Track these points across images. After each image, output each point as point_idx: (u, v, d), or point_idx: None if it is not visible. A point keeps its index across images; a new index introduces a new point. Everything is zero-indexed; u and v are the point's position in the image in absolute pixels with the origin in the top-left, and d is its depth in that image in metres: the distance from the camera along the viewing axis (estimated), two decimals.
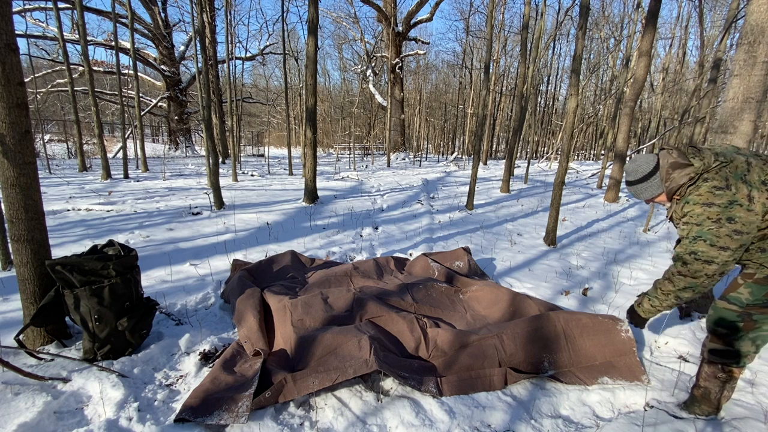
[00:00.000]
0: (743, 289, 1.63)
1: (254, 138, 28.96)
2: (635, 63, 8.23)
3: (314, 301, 2.59)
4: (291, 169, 11.86)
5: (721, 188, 1.50)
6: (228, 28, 12.50)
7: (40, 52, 16.43)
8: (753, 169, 1.51)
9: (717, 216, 1.49)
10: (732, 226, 1.48)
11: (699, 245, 1.54)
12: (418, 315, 2.55)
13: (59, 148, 16.09)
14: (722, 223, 1.49)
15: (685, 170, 1.59)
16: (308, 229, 5.14)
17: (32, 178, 2.11)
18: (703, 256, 1.53)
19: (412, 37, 21.47)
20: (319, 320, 2.41)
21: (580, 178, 11.97)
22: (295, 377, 1.87)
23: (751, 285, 1.61)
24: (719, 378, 1.72)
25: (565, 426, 1.80)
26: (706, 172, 1.56)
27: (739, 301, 1.64)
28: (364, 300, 2.62)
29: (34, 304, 2.16)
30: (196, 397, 1.80)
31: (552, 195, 4.53)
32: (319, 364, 2.02)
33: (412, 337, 2.32)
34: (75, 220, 5.18)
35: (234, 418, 1.70)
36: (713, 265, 1.53)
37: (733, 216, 1.48)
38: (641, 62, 7.05)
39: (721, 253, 1.51)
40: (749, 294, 1.61)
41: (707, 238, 1.52)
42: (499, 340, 2.19)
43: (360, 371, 1.88)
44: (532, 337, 2.20)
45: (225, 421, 1.70)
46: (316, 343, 2.17)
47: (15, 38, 2.00)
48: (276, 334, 2.37)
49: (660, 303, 1.75)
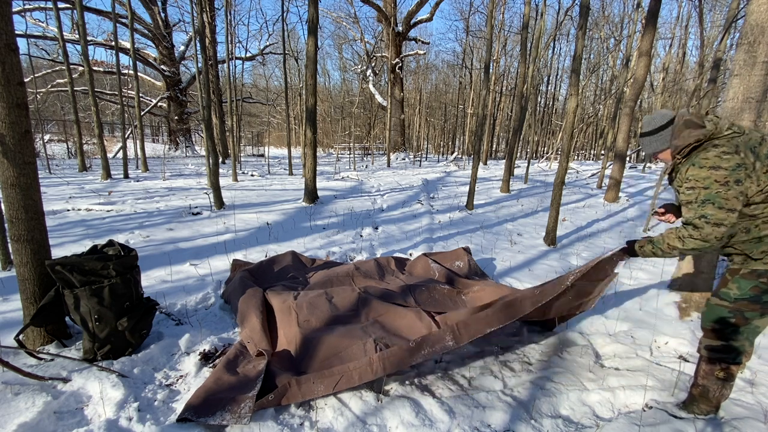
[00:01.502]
0: (731, 284, 1.68)
1: (254, 138, 28.95)
2: (635, 63, 8.23)
3: (319, 301, 2.59)
4: (291, 169, 11.85)
5: (729, 153, 1.52)
6: (228, 28, 12.50)
7: (40, 52, 16.43)
8: (765, 144, 1.55)
9: (725, 179, 1.51)
10: (739, 188, 1.51)
11: (708, 208, 1.54)
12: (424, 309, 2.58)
13: (59, 148, 16.09)
14: (730, 185, 1.51)
15: (697, 131, 1.60)
16: (308, 229, 5.14)
17: (32, 178, 2.11)
18: (712, 219, 1.53)
19: (412, 37, 21.47)
20: (324, 320, 2.42)
21: (580, 178, 11.97)
22: (300, 381, 1.86)
23: (738, 280, 1.66)
24: (717, 376, 1.72)
25: (565, 426, 1.80)
26: (716, 138, 1.58)
27: (728, 297, 1.67)
28: (369, 299, 2.64)
29: (34, 304, 2.16)
30: (199, 397, 1.80)
31: (552, 195, 4.53)
32: (323, 368, 2.01)
33: (422, 325, 2.36)
34: (75, 220, 5.18)
35: (236, 419, 1.70)
36: (722, 228, 1.53)
37: (740, 178, 1.50)
38: (641, 62, 7.05)
39: (729, 215, 1.52)
40: (737, 289, 1.65)
41: (716, 201, 1.52)
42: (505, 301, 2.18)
43: (365, 378, 1.86)
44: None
45: (227, 421, 1.70)
46: (321, 345, 2.17)
47: (15, 38, 2.00)
48: (279, 334, 2.37)
49: (662, 254, 1.76)
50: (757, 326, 1.67)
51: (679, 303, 2.92)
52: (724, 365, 1.71)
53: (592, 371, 2.22)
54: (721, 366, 1.71)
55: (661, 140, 1.70)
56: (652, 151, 1.75)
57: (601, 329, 2.69)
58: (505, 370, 2.23)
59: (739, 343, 1.67)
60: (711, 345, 1.73)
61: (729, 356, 1.69)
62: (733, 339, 1.67)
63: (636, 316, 2.83)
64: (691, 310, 2.83)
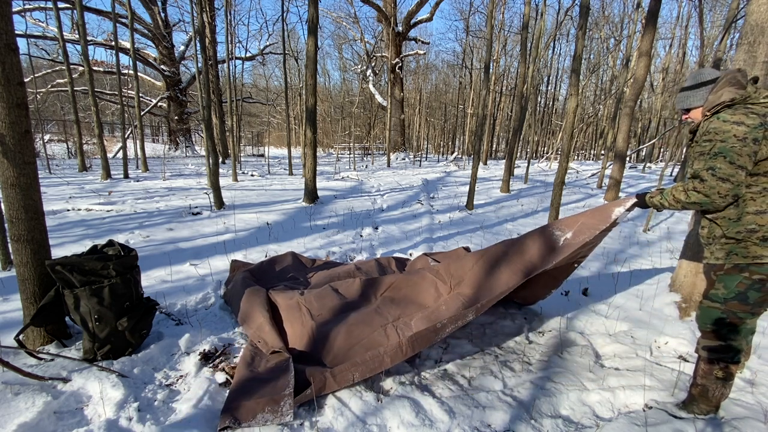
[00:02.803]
0: (717, 284, 1.70)
1: (254, 138, 28.95)
2: (635, 63, 8.23)
3: (327, 294, 2.61)
4: (291, 169, 11.85)
5: (756, 114, 1.52)
6: (228, 28, 12.50)
7: (40, 52, 16.43)
8: None
9: (744, 135, 1.50)
10: (755, 147, 1.51)
11: (719, 161, 1.53)
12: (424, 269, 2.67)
13: (59, 148, 16.09)
14: (747, 142, 1.50)
15: (736, 91, 1.59)
16: (308, 229, 5.14)
17: (32, 178, 2.11)
18: (719, 172, 1.52)
19: (412, 37, 21.48)
20: (336, 311, 2.44)
21: (580, 178, 11.97)
22: (334, 373, 1.90)
23: (723, 278, 1.67)
24: (716, 375, 1.72)
25: (565, 426, 1.80)
26: (750, 102, 1.57)
27: (718, 298, 1.69)
28: (372, 280, 2.68)
29: (34, 304, 2.15)
30: (235, 404, 1.79)
31: (552, 195, 4.53)
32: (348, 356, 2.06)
33: (428, 283, 2.45)
34: (75, 220, 5.18)
35: (279, 418, 1.74)
36: (727, 184, 1.52)
37: (758, 137, 1.50)
38: (641, 62, 7.05)
39: (737, 172, 1.52)
40: (724, 288, 1.67)
41: (728, 155, 1.51)
42: (504, 245, 2.33)
43: (396, 360, 1.93)
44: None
45: (270, 422, 1.73)
46: (340, 335, 2.19)
47: (15, 38, 2.00)
48: (288, 331, 2.37)
49: (668, 205, 1.76)
50: (752, 327, 1.69)
51: (679, 303, 2.92)
52: (723, 365, 1.71)
53: (592, 371, 2.22)
54: (720, 366, 1.71)
55: (698, 96, 1.69)
56: (687, 106, 1.74)
57: (601, 329, 2.69)
58: (505, 370, 2.23)
59: (738, 342, 1.68)
60: (709, 345, 1.73)
61: (728, 356, 1.69)
62: (732, 339, 1.68)
63: (636, 316, 2.83)
64: (691, 310, 2.83)
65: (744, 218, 1.60)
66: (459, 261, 2.53)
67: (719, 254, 1.68)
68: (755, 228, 1.58)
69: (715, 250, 1.70)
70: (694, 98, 1.71)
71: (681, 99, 1.76)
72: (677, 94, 1.79)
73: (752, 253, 1.59)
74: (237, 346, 2.39)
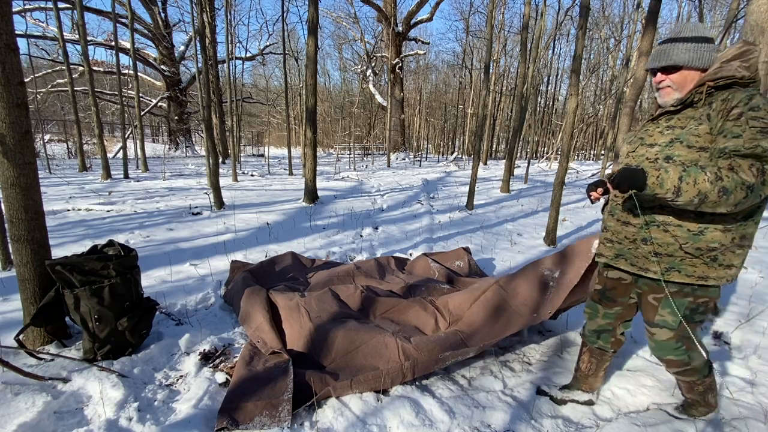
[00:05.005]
0: (662, 310, 1.50)
1: (254, 138, 28.96)
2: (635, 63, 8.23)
3: (326, 298, 2.62)
4: (291, 169, 11.85)
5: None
6: (228, 28, 12.50)
7: (40, 52, 16.45)
8: None
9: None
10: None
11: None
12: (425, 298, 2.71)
13: (59, 148, 16.09)
14: None
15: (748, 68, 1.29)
16: (308, 229, 5.14)
17: (32, 178, 2.11)
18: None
19: (412, 37, 21.49)
20: (335, 316, 2.44)
21: (580, 178, 11.97)
22: (336, 387, 1.91)
23: (668, 304, 1.47)
24: (698, 390, 1.71)
25: (565, 426, 1.80)
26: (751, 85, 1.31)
27: (668, 325, 1.50)
28: (372, 298, 2.69)
29: (34, 304, 2.15)
30: (233, 404, 1.80)
31: (552, 195, 4.53)
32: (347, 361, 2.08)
33: (428, 314, 2.47)
34: (75, 220, 5.18)
35: (277, 422, 1.73)
36: None
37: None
38: (641, 62, 7.03)
39: None
40: (669, 315, 1.48)
41: None
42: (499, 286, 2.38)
43: (397, 381, 1.99)
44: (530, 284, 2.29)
45: (267, 426, 1.72)
46: (338, 339, 2.19)
47: (15, 38, 1.99)
48: (287, 332, 2.38)
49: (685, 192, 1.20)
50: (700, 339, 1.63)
51: None
52: (698, 381, 1.68)
53: None
54: (697, 381, 1.68)
55: (702, 54, 1.32)
56: (679, 62, 1.34)
57: None
58: (505, 370, 2.23)
59: (698, 361, 1.59)
60: (675, 371, 1.66)
61: (699, 375, 1.65)
62: (694, 358, 1.59)
63: (636, 316, 2.82)
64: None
65: (708, 233, 1.34)
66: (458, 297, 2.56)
67: (656, 268, 1.45)
68: (715, 246, 1.34)
69: (655, 264, 1.44)
70: (697, 54, 1.32)
71: (671, 52, 1.35)
72: (667, 45, 1.37)
73: (698, 272, 1.39)
74: (237, 346, 2.39)
